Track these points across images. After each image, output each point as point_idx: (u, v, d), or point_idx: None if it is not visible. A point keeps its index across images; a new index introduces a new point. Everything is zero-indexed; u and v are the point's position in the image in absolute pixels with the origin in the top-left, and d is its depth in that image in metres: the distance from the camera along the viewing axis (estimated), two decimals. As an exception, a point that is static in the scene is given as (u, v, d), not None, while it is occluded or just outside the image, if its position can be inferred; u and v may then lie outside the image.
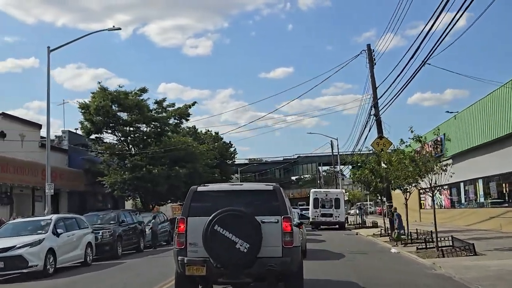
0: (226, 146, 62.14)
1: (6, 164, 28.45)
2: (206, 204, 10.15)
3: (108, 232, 21.28)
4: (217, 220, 9.46)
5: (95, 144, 37.67)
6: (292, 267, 9.80)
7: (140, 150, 37.58)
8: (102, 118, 35.87)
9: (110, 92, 36.12)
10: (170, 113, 39.56)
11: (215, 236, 9.41)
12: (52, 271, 15.91)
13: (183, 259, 9.76)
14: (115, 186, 35.88)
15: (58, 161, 36.63)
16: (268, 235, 9.59)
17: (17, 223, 17.73)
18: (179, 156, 36.75)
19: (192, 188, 10.41)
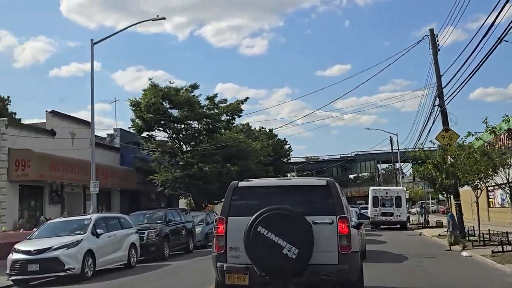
0: (281, 143, 60.66)
1: (56, 163, 28.03)
2: (249, 202, 8.74)
3: (154, 232, 20.21)
4: (261, 220, 8.04)
5: (146, 142, 37.05)
6: (351, 276, 8.23)
7: (192, 147, 36.71)
8: (153, 115, 35.17)
9: (160, 88, 35.38)
10: (222, 109, 38.49)
11: (259, 239, 7.99)
12: (90, 274, 14.88)
13: (223, 265, 8.39)
14: (166, 184, 35.13)
15: (110, 160, 36.27)
16: (321, 239, 8.08)
17: (56, 223, 16.82)
18: (231, 153, 35.61)
19: (233, 183, 9.01)
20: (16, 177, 25.93)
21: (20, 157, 25.88)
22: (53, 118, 30.05)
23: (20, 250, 14.64)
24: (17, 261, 14.34)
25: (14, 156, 25.92)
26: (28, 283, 14.68)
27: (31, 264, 14.14)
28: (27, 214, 27.46)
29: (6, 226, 24.35)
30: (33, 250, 14.38)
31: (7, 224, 25.00)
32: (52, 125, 29.70)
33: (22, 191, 27.16)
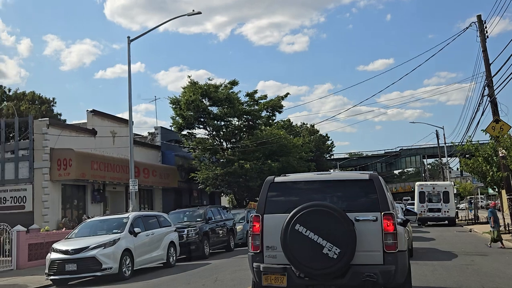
0: (323, 139, 59.77)
1: (97, 162, 28.13)
2: (286, 198, 8.21)
3: (193, 231, 19.90)
4: (299, 218, 7.49)
5: (187, 140, 36.93)
6: (397, 278, 7.57)
7: (232, 144, 36.37)
8: (193, 113, 34.95)
9: (200, 86, 35.12)
10: (262, 105, 37.96)
11: (297, 238, 7.45)
12: (129, 273, 14.64)
13: (259, 266, 7.88)
14: (207, 182, 34.89)
15: (152, 158, 36.35)
16: (365, 237, 7.47)
17: (94, 222, 16.67)
18: (272, 149, 35.08)
19: (268, 179, 8.47)
20: (58, 177, 26.12)
21: (62, 157, 26.06)
22: (94, 117, 30.21)
23: (58, 249, 14.53)
24: (55, 260, 14.23)
25: (56, 156, 26.12)
26: (67, 283, 14.56)
27: (68, 263, 14.00)
28: (70, 213, 27.68)
29: (49, 225, 24.56)
30: (70, 250, 14.24)
31: (50, 223, 25.23)
32: (93, 125, 29.86)
33: (65, 190, 27.38)
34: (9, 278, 16.57)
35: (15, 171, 26.17)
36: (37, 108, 45.05)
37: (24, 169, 26.12)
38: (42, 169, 25.97)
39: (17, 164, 26.21)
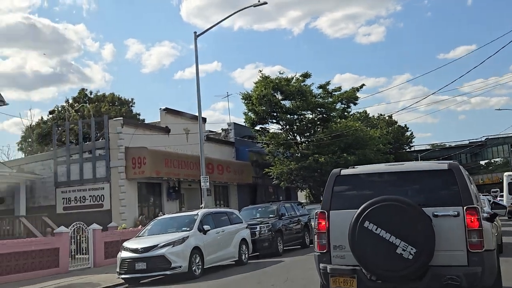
0: (402, 131, 57.66)
1: (171, 159, 28.28)
2: (354, 193, 7.46)
3: (266, 227, 19.37)
4: (368, 214, 6.72)
5: (260, 135, 36.56)
6: (485, 281, 6.62)
7: (306, 138, 35.62)
8: (265, 107, 34.53)
9: (271, 80, 34.63)
10: (336, 97, 36.93)
11: (366, 237, 6.68)
12: (199, 272, 14.31)
13: (326, 267, 7.17)
14: (281, 177, 34.35)
15: (226, 154, 36.27)
16: (445, 234, 6.60)
17: (164, 219, 16.51)
18: (348, 142, 34.00)
19: (334, 171, 7.73)
20: (133, 175, 26.46)
21: (136, 155, 26.37)
22: (167, 115, 30.44)
23: (128, 248, 14.44)
24: (125, 259, 14.13)
25: (130, 155, 26.48)
26: (139, 281, 14.43)
27: (138, 262, 13.85)
28: (146, 211, 28.01)
29: (126, 223, 24.92)
30: (140, 248, 14.09)
31: (128, 221, 25.59)
32: (166, 123, 30.09)
33: (141, 188, 27.73)
34: (85, 276, 16.77)
35: (93, 170, 26.78)
36: (117, 109, 46.35)
37: (101, 168, 26.68)
38: (118, 167, 26.41)
39: (94, 164, 26.81)
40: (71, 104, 46.39)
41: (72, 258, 19.10)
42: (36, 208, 26.91)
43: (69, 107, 44.52)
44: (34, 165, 28.68)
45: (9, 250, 16.28)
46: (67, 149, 27.82)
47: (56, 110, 45.37)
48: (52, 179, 27.70)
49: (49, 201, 27.74)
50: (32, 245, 17.29)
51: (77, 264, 18.87)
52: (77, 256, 19.43)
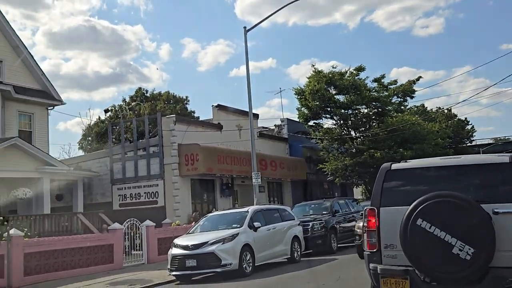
0: (462, 124, 55.63)
1: (224, 156, 28.24)
2: (405, 188, 7.00)
3: (319, 224, 18.99)
4: (421, 211, 6.27)
5: (314, 131, 36.03)
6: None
7: (361, 133, 34.82)
8: (318, 103, 33.94)
9: (324, 74, 34.02)
10: (391, 91, 35.90)
11: (419, 235, 6.24)
12: (250, 270, 14.12)
13: (376, 267, 6.76)
14: (336, 173, 33.73)
15: (279, 151, 35.96)
16: (507, 234, 6.07)
17: (215, 216, 16.42)
18: (404, 137, 32.96)
19: (384, 166, 7.30)
20: (187, 172, 26.56)
21: (189, 152, 26.45)
22: (219, 112, 30.44)
23: (178, 245, 14.42)
24: (176, 256, 14.11)
25: (183, 151, 26.60)
26: (190, 278, 14.37)
27: (188, 259, 13.79)
28: (200, 207, 28.09)
29: (180, 219, 25.05)
30: (190, 245, 14.03)
31: (182, 217, 25.73)
32: (218, 119, 30.08)
33: (194, 185, 27.81)
34: (139, 272, 16.92)
35: (147, 167, 27.07)
36: (171, 107, 46.97)
37: (155, 165, 26.94)
38: (171, 164, 26.59)
39: (148, 161, 27.10)
40: (128, 103, 47.37)
41: (127, 254, 19.36)
42: (93, 205, 27.50)
43: (125, 106, 45.44)
44: (91, 162, 29.33)
45: (65, 246, 16.60)
46: (122, 147, 28.26)
47: (113, 109, 46.36)
48: (109, 176, 28.20)
49: (106, 198, 28.27)
50: (88, 241, 17.59)
51: (131, 260, 19.09)
52: (132, 252, 19.68)
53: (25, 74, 25.97)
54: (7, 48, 25.23)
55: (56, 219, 22.72)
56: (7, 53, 25.19)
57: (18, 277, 14.75)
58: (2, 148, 21.56)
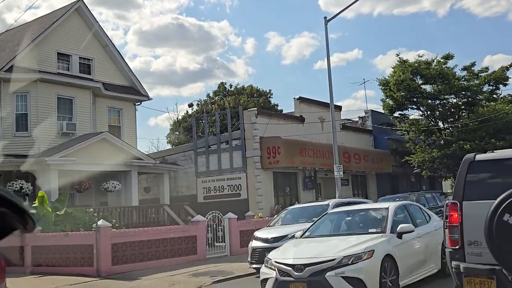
0: None
1: (305, 148, 28.06)
2: (491, 181, 6.54)
3: (404, 218, 18.32)
4: (508, 205, 5.81)
5: (399, 123, 34.97)
6: None
7: (449, 124, 33.35)
8: (404, 93, 32.87)
9: (410, 63, 32.88)
10: (482, 79, 34.09)
11: (506, 232, 5.78)
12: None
13: (459, 265, 6.38)
14: (423, 165, 32.57)
15: (363, 143, 35.29)
16: None
17: (295, 209, 16.31)
18: (496, 127, 31.21)
19: (467, 157, 6.84)
20: (269, 164, 26.66)
21: (271, 145, 26.52)
22: (301, 104, 30.27)
23: (258, 237, 14.41)
24: (256, 249, 14.10)
25: (265, 144, 26.70)
26: (271, 271, 14.28)
27: (268, 252, 13.68)
28: (282, 200, 28.11)
29: (263, 212, 25.20)
30: (270, 238, 13.98)
31: (264, 210, 25.87)
32: (300, 111, 29.93)
33: (276, 177, 27.88)
34: (221, 264, 17.13)
35: (230, 160, 27.44)
36: (255, 101, 47.30)
37: (238, 158, 27.25)
38: (254, 157, 26.79)
39: (231, 154, 27.45)
40: (211, 97, 48.25)
41: (210, 246, 19.66)
42: (179, 197, 28.25)
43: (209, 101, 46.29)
44: (177, 156, 30.12)
45: (150, 237, 17.10)
46: (205, 140, 28.80)
47: (199, 103, 47.38)
48: (193, 169, 28.85)
49: (191, 191, 28.96)
50: (171, 233, 18.01)
51: (214, 252, 19.37)
52: (215, 244, 19.98)
53: (113, 71, 27.06)
54: (97, 47, 26.38)
55: (144, 211, 23.57)
56: (97, 52, 26.34)
57: (106, 266, 15.37)
58: (93, 143, 22.60)
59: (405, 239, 9.87)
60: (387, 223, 10.01)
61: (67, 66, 25.01)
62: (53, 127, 23.35)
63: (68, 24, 25.22)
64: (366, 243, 9.10)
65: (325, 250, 9.26)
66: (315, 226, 11.20)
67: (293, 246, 10.19)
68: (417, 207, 12.62)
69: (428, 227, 11.45)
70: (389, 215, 10.32)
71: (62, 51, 24.73)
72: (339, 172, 21.54)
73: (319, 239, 10.22)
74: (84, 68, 25.70)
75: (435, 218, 12.17)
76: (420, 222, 12.52)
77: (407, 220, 10.77)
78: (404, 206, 13.13)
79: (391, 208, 11.88)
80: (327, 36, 22.44)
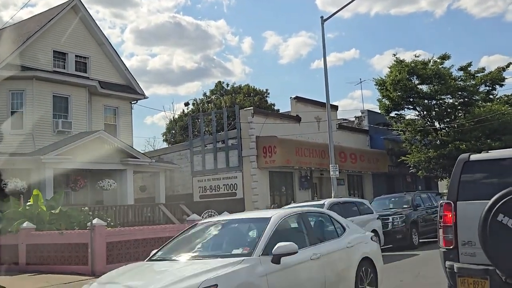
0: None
1: (302, 148, 28.05)
2: (485, 181, 6.52)
3: (399, 218, 18.39)
4: (502, 206, 5.80)
5: (396, 122, 35.01)
6: None
7: (445, 124, 33.40)
8: (400, 93, 32.87)
9: (406, 63, 32.89)
10: (479, 79, 34.14)
11: (500, 232, 5.78)
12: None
13: (452, 266, 6.37)
14: (419, 165, 32.61)
15: (359, 143, 35.32)
16: None
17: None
18: (492, 127, 31.27)
19: (462, 157, 6.83)
20: (265, 164, 26.64)
21: (267, 144, 26.51)
22: (298, 104, 30.26)
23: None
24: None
25: (261, 144, 26.69)
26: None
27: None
28: (278, 199, 28.09)
29: (258, 211, 25.18)
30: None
31: (260, 209, 25.85)
32: (297, 111, 29.91)
33: (272, 177, 27.86)
34: (216, 263, 17.08)
35: (226, 159, 27.41)
36: (251, 100, 47.28)
37: (234, 158, 27.23)
38: (250, 157, 26.77)
39: (227, 153, 27.42)
40: (208, 96, 48.22)
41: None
42: (175, 196, 28.22)
43: (205, 100, 46.26)
44: (173, 155, 30.07)
45: (145, 236, 17.01)
46: (202, 140, 28.77)
47: (195, 102, 47.35)
48: (189, 169, 28.81)
49: (186, 190, 28.91)
50: (166, 232, 17.90)
51: (209, 251, 19.32)
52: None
53: (110, 69, 27.01)
54: (94, 45, 26.33)
55: (139, 210, 23.53)
56: (93, 50, 26.29)
57: (101, 265, 15.31)
58: (88, 141, 22.54)
59: (287, 264, 6.71)
60: (259, 241, 6.81)
61: (63, 64, 24.96)
62: (49, 125, 23.30)
63: (65, 22, 25.16)
64: (209, 273, 5.98)
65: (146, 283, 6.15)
66: (174, 244, 7.92)
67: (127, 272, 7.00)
68: (327, 216, 9.00)
69: (336, 243, 8.18)
70: (266, 230, 7.02)
71: (58, 49, 24.68)
72: (335, 171, 21.54)
73: (163, 263, 7.05)
74: (80, 66, 25.66)
75: (353, 231, 8.94)
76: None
77: (299, 237, 7.59)
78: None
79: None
80: (323, 35, 22.47)
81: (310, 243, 7.56)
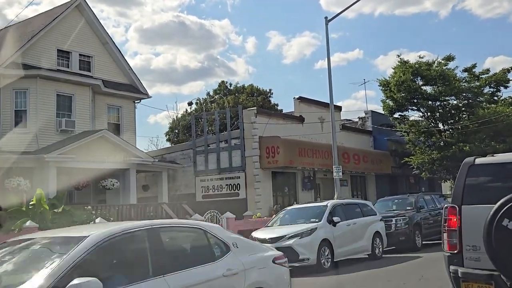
0: None
1: (305, 148, 27.98)
2: (491, 185, 6.48)
3: (402, 220, 18.33)
4: (508, 210, 5.75)
5: (399, 123, 34.91)
6: None
7: (449, 125, 33.29)
8: (404, 94, 32.80)
9: (410, 64, 32.80)
10: (483, 81, 34.02)
11: (505, 237, 5.72)
12: (328, 265, 13.85)
13: (457, 270, 6.31)
14: (422, 167, 32.50)
15: (363, 143, 35.22)
16: None
17: (293, 210, 16.27)
18: (497, 129, 31.15)
19: (467, 160, 6.77)
20: (267, 164, 26.58)
21: (270, 144, 26.45)
22: (301, 104, 30.18)
23: (256, 238, 14.34)
24: (254, 249, 14.03)
25: (264, 144, 26.63)
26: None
27: (266, 253, 13.67)
28: (281, 200, 28.05)
29: (261, 212, 25.14)
30: (268, 239, 13.95)
31: (263, 210, 25.80)
32: (300, 111, 29.84)
33: (275, 177, 27.79)
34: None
35: (229, 159, 27.35)
36: (254, 100, 47.22)
37: (237, 158, 27.17)
38: (253, 157, 26.71)
39: (230, 153, 27.38)
40: (211, 96, 48.18)
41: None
42: (177, 196, 28.16)
43: (209, 99, 46.21)
44: (176, 154, 30.03)
45: (147, 236, 17.01)
46: (205, 139, 28.72)
47: (198, 102, 47.31)
48: (192, 168, 28.76)
49: (189, 189, 28.86)
50: (169, 232, 17.92)
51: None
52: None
53: (113, 69, 26.98)
54: (97, 44, 26.30)
55: (142, 209, 23.47)
56: (97, 49, 26.26)
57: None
58: (92, 140, 22.52)
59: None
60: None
61: (67, 63, 24.93)
62: (52, 124, 23.27)
63: (69, 21, 25.14)
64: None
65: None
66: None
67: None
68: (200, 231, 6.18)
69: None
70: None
71: (62, 48, 24.65)
72: (338, 172, 21.49)
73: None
74: (84, 65, 25.63)
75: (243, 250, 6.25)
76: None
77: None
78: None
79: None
80: (327, 36, 22.46)
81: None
